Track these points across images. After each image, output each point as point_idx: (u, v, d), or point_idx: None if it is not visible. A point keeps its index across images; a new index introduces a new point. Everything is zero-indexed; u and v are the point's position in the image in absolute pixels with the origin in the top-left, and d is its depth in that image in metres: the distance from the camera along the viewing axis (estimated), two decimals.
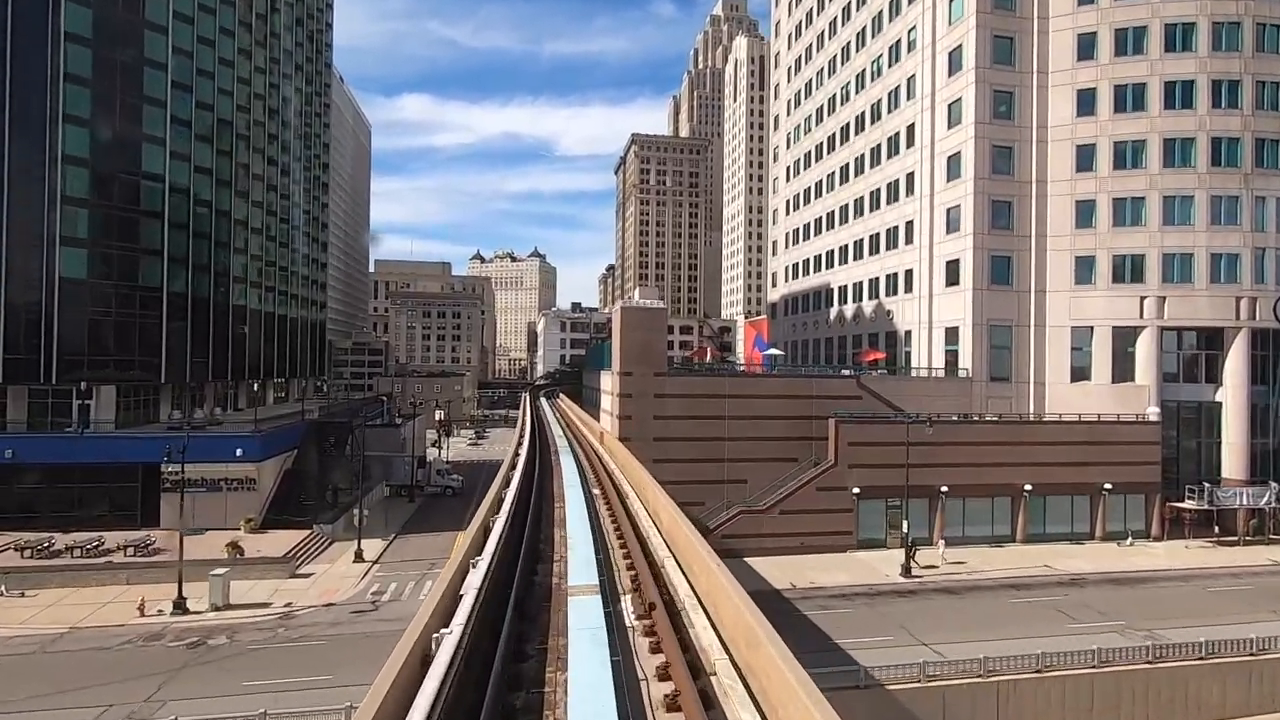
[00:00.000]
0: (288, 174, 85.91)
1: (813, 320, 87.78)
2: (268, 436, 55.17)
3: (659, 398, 51.74)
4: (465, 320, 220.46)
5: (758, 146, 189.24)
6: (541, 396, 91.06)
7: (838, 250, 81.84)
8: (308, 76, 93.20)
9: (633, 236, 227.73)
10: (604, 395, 60.81)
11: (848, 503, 50.66)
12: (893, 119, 71.12)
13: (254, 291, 76.97)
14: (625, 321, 51.50)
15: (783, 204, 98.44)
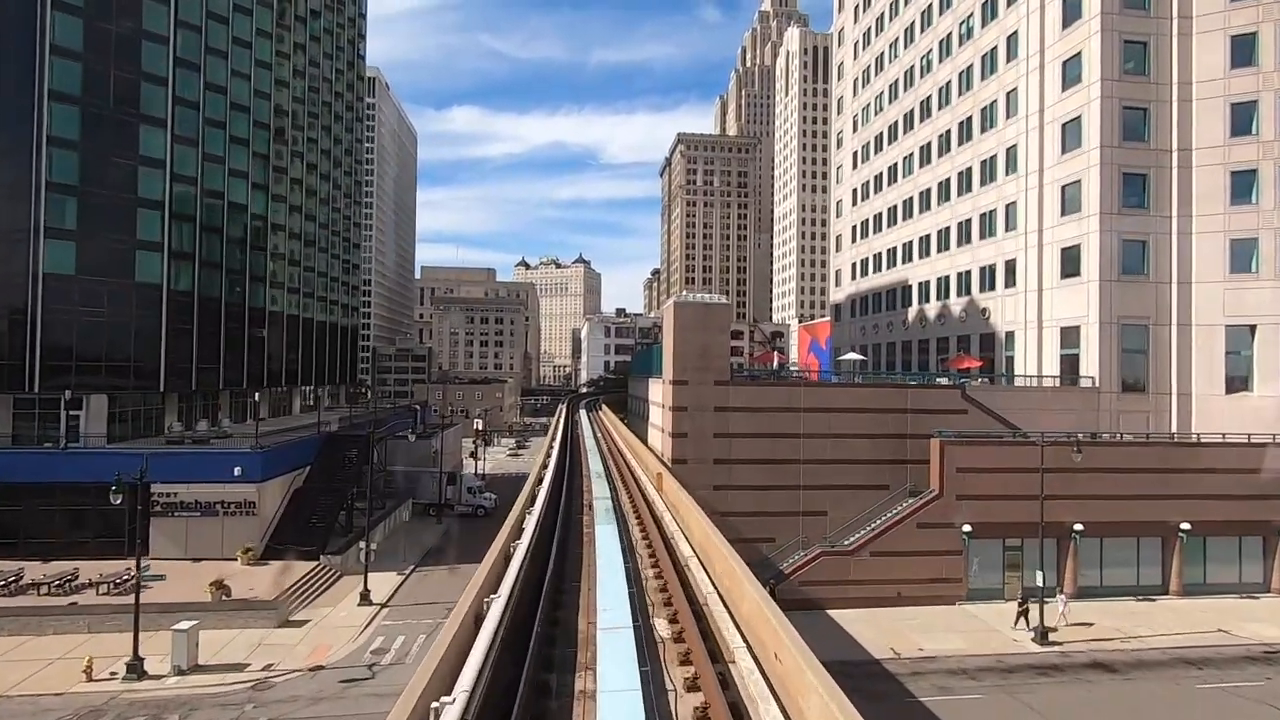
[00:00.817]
0: (316, 169, 79.83)
1: (885, 322, 77.40)
2: (271, 453, 47.99)
3: (720, 412, 42.61)
4: (509, 326, 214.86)
5: (811, 142, 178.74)
6: (582, 407, 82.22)
7: (917, 242, 71.43)
8: (338, 70, 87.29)
9: (679, 239, 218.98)
10: (652, 407, 52.03)
11: (956, 543, 40.60)
12: (988, 86, 60.66)
13: (276, 292, 70.72)
14: (679, 321, 42.60)
15: (848, 194, 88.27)
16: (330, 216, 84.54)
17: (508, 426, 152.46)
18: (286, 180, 71.53)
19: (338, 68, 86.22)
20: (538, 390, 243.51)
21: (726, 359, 42.95)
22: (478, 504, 68.54)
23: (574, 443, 51.39)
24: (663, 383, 46.30)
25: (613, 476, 38.80)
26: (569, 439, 52.96)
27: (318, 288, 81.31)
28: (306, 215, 77.21)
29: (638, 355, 69.44)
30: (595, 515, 27.19)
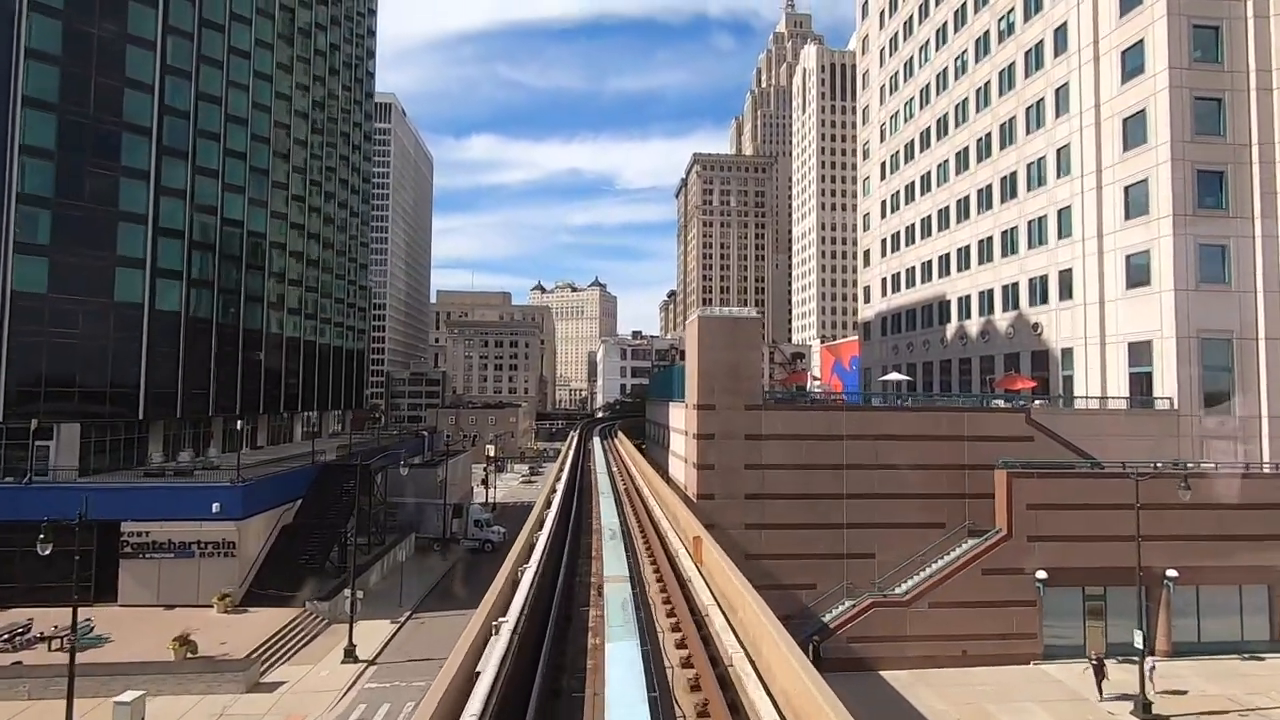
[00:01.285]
0: (320, 186, 76.48)
1: (921, 340, 71.98)
2: (254, 487, 43.43)
3: (752, 440, 37.47)
4: (524, 349, 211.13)
5: (831, 159, 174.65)
6: (595, 435, 75.73)
7: (955, 253, 66.25)
8: (345, 86, 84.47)
9: (695, 260, 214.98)
10: (673, 434, 46.95)
11: (1028, 591, 34.89)
12: (1033, 83, 55.85)
13: (275, 313, 66.88)
14: (704, 337, 37.71)
15: (877, 206, 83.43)
16: (335, 236, 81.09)
17: (520, 452, 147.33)
18: (287, 196, 68.09)
19: (344, 84, 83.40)
20: (553, 414, 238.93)
21: (758, 380, 37.93)
22: (484, 538, 63.50)
23: (583, 489, 38.14)
24: (685, 407, 41.32)
25: (632, 539, 25.58)
26: (577, 481, 40.38)
27: (321, 309, 77.55)
28: (309, 234, 73.69)
29: (656, 377, 64.36)
30: (608, 625, 15.17)
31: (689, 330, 40.81)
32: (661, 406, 55.10)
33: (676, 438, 44.62)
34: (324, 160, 77.48)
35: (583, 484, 38.75)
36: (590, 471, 45.69)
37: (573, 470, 40.84)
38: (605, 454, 56.44)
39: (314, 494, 51.16)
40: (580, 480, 36.69)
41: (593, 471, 42.97)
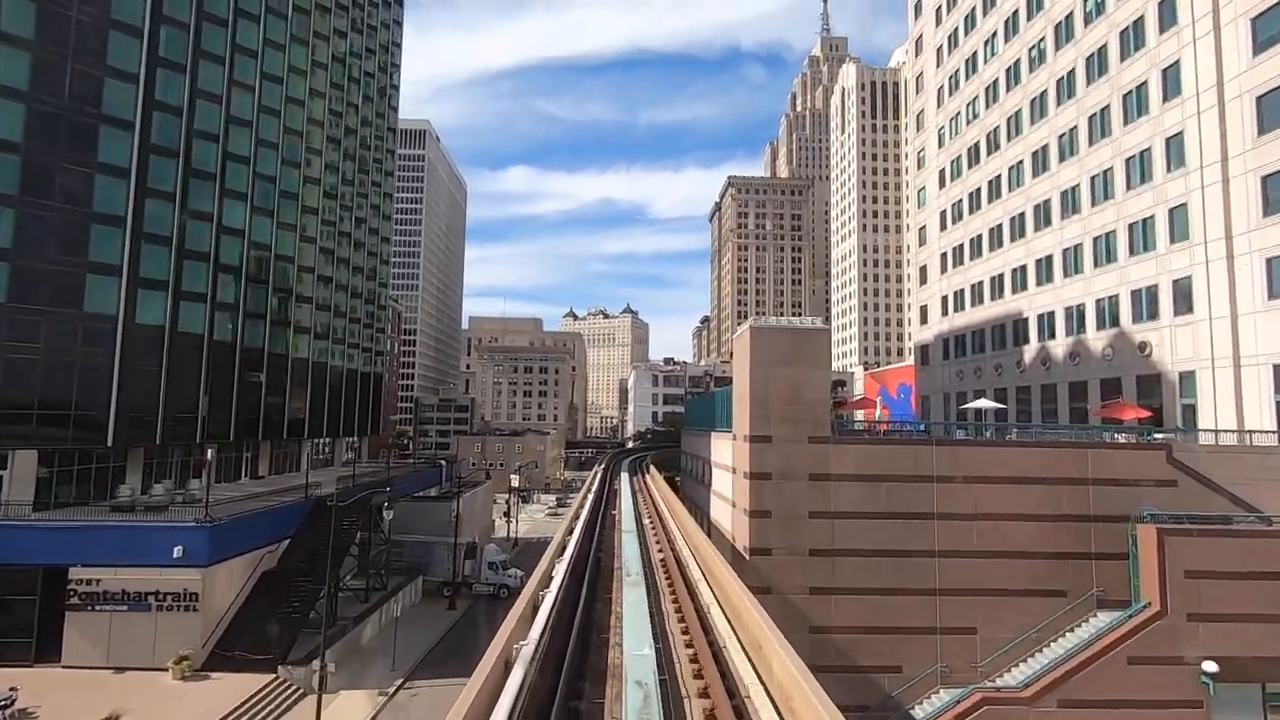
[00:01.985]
0: (336, 198, 71.63)
1: (992, 364, 63.41)
2: (225, 528, 36.95)
3: (819, 481, 29.79)
4: (554, 376, 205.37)
5: (872, 179, 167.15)
6: (623, 470, 63.15)
7: (1033, 265, 58.00)
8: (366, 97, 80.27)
9: (729, 284, 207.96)
10: (716, 471, 39.36)
11: (1190, 688, 26.31)
12: (1132, 65, 48.05)
13: (280, 331, 61.40)
14: (758, 352, 30.39)
15: (935, 217, 75.56)
16: (352, 252, 76.06)
17: (545, 483, 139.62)
18: (297, 207, 63.10)
19: (366, 94, 79.15)
20: (583, 443, 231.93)
21: (827, 406, 30.32)
22: (500, 582, 56.26)
23: (595, 577, 22.47)
24: (733, 439, 33.88)
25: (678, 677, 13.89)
26: (592, 550, 26.40)
27: (334, 329, 72.14)
28: (322, 248, 68.62)
29: (693, 404, 55.96)
30: None
31: (738, 345, 33.53)
32: (700, 437, 47.51)
33: (720, 475, 37.07)
34: (342, 172, 72.79)
35: (598, 559, 25.28)
36: (614, 515, 35.26)
37: (588, 529, 29.42)
38: (634, 497, 43.08)
39: (305, 533, 44.61)
40: (596, 549, 26.11)
41: (615, 529, 30.67)
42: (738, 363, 33.16)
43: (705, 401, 47.02)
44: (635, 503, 37.60)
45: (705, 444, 43.24)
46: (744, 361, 31.31)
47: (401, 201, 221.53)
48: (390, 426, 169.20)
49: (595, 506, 36.38)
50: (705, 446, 43.20)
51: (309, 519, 45.85)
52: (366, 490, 49.73)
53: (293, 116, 62.70)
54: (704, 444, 43.87)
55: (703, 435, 45.38)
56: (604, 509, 35.36)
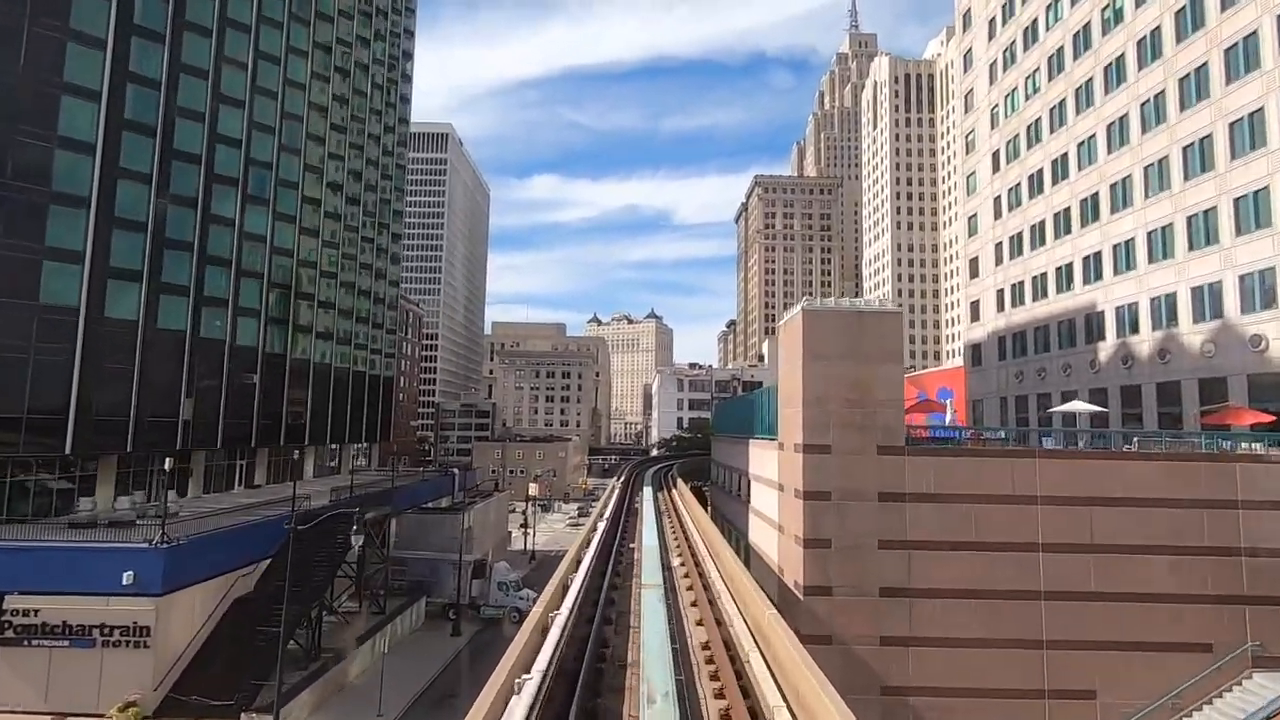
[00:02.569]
0: (341, 190, 67.04)
1: (1059, 364, 56.38)
2: (186, 549, 31.79)
3: (891, 502, 23.63)
4: (576, 380, 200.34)
5: (906, 175, 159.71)
6: (647, 483, 52.89)
7: (1109, 251, 51.05)
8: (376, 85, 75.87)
9: (757, 286, 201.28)
10: (756, 487, 33.23)
11: None
12: (1236, 13, 41.18)
13: (277, 331, 56.74)
14: (812, 343, 24.36)
15: (987, 204, 68.67)
16: (360, 248, 71.42)
17: (564, 493, 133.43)
18: (296, 197, 58.51)
19: (375, 82, 74.68)
20: (607, 449, 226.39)
21: (900, 408, 24.17)
22: (511, 605, 50.63)
23: (597, 653, 15.92)
24: (778, 449, 27.87)
25: None
26: (598, 606, 19.41)
27: (339, 328, 67.43)
28: (325, 242, 63.99)
29: (725, 407, 49.26)
30: None
31: (785, 334, 27.49)
32: (735, 445, 41.28)
33: (762, 492, 31.01)
34: (346, 162, 68.24)
35: (598, 653, 16.04)
36: (627, 576, 23.47)
37: (605, 543, 23.63)
38: (658, 519, 33.64)
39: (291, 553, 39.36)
40: (613, 555, 20.71)
41: (637, 559, 23.92)
42: (786, 355, 27.15)
43: (741, 404, 40.77)
44: (659, 511, 31.45)
45: (742, 453, 37.23)
46: (794, 353, 25.31)
47: (423, 205, 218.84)
48: (410, 432, 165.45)
49: (616, 514, 30.24)
50: (742, 456, 37.19)
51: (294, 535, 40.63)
52: (383, 498, 44.39)
53: (292, 100, 58.19)
54: (740, 453, 37.84)
55: (738, 443, 39.29)
56: (619, 541, 27.65)
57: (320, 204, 62.72)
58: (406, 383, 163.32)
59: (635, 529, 30.14)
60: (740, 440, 37.82)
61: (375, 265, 75.44)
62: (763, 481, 30.40)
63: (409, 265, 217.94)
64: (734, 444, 40.24)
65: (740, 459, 37.22)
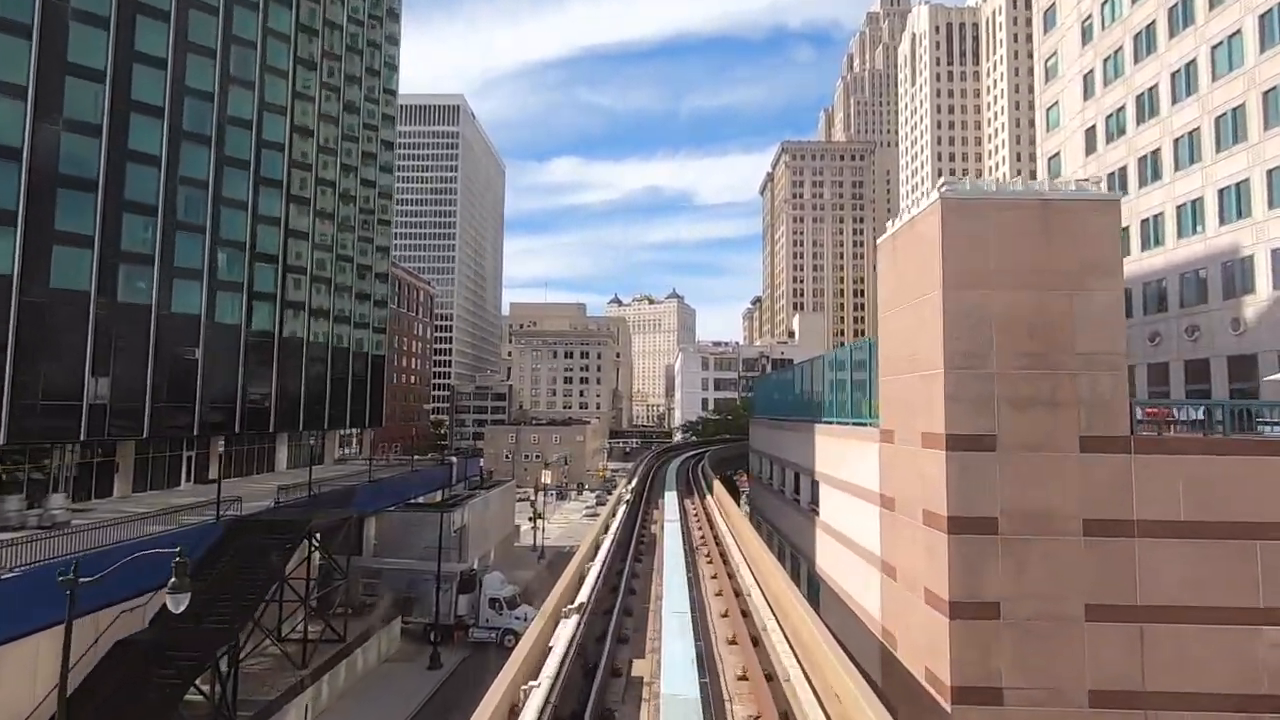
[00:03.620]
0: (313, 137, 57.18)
1: (1180, 327, 44.79)
2: (19, 586, 22.32)
3: (1109, 538, 12.97)
4: (596, 361, 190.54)
5: (949, 134, 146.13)
6: (670, 486, 36.36)
7: (1262, 179, 39.29)
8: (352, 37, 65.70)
9: (784, 260, 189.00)
10: (831, 495, 21.95)
11: None
12: None
13: (229, 298, 47.31)
14: (958, 256, 13.80)
15: (1076, 138, 56.64)
16: (334, 201, 61.57)
17: (579, 482, 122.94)
18: (250, 139, 48.71)
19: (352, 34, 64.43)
20: (628, 432, 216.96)
21: (1122, 368, 13.53)
22: (503, 626, 41.04)
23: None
24: (877, 440, 17.38)
25: None
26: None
27: (313, 296, 57.93)
28: (293, 197, 54.28)
29: (769, 383, 37.04)
30: None
31: (896, 250, 16.73)
32: (788, 433, 29.84)
33: (845, 506, 20.17)
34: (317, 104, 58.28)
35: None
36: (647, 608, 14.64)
37: (603, 577, 14.95)
38: (685, 546, 19.88)
39: (205, 574, 29.89)
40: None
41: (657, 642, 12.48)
42: (895, 286, 16.50)
43: (796, 376, 29.65)
44: (685, 532, 20.57)
45: (799, 444, 26.58)
46: (917, 280, 14.72)
47: (434, 180, 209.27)
48: (423, 416, 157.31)
49: (622, 537, 19.57)
50: (799, 447, 26.59)
51: (216, 551, 31.21)
52: (303, 508, 34.67)
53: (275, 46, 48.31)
54: (796, 443, 27.17)
55: (793, 430, 28.36)
56: (619, 607, 14.21)
57: (284, 150, 52.87)
58: (420, 365, 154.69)
59: (654, 543, 18.95)
60: (796, 426, 27.27)
61: (358, 227, 65.62)
62: (845, 489, 19.93)
63: (420, 243, 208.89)
64: (786, 430, 29.59)
65: (797, 451, 26.73)
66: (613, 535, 20.56)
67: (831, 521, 21.40)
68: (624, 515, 24.36)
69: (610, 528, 22.28)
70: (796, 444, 27.16)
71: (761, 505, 36.84)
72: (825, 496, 22.14)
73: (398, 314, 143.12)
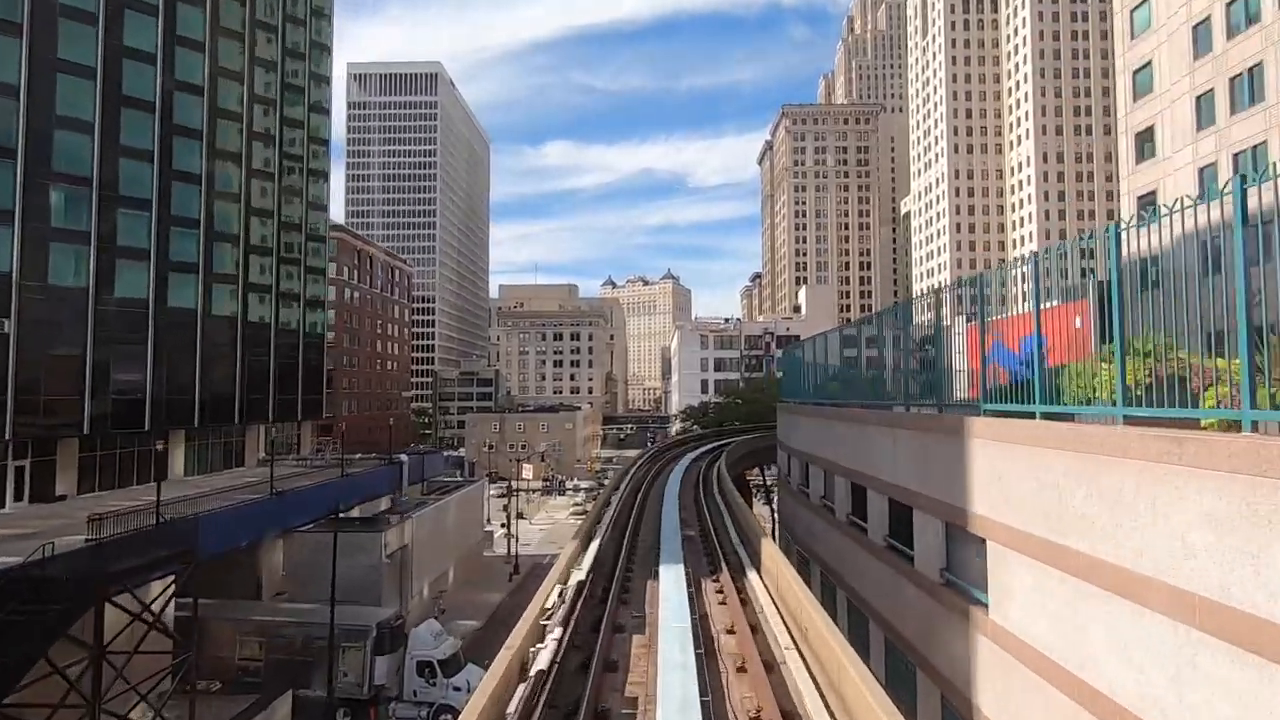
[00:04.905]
0: (203, 52, 44.22)
1: None
2: None
3: None
4: (587, 344, 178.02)
5: (966, 89, 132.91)
6: (665, 528, 20.21)
7: None
8: None
9: (785, 233, 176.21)
10: (1021, 596, 10.19)
11: None
12: None
13: (64, 249, 34.67)
14: None
15: (1182, 35, 43.91)
16: (244, 144, 48.73)
17: (560, 480, 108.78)
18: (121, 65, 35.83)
19: None
20: (623, 418, 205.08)
21: None
22: (439, 701, 28.92)
23: None
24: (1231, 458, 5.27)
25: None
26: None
27: (217, 259, 45.32)
28: (178, 127, 41.45)
29: (814, 345, 24.90)
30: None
31: None
32: (880, 436, 16.83)
33: (1134, 636, 8.16)
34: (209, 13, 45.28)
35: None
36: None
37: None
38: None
39: None
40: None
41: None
42: None
43: (899, 317, 16.36)
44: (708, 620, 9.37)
45: (917, 457, 13.81)
46: None
47: (412, 155, 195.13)
48: (402, 404, 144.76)
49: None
50: (917, 464, 13.90)
51: None
52: (87, 561, 22.06)
53: None
54: (902, 454, 14.46)
55: (891, 429, 15.69)
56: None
57: (168, 64, 39.92)
58: (399, 350, 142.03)
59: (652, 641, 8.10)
60: (905, 423, 14.67)
61: (283, 175, 52.74)
62: (1097, 578, 7.76)
63: (398, 221, 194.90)
64: (869, 429, 16.99)
65: (905, 466, 14.29)
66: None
67: (1042, 642, 9.18)
68: (586, 586, 11.90)
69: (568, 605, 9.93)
70: (904, 454, 14.75)
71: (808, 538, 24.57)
72: (1017, 577, 9.91)
73: (371, 294, 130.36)
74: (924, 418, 13.85)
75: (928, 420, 13.55)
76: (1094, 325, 9.40)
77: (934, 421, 13.20)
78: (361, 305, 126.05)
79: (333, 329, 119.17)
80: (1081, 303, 9.97)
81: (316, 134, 58.33)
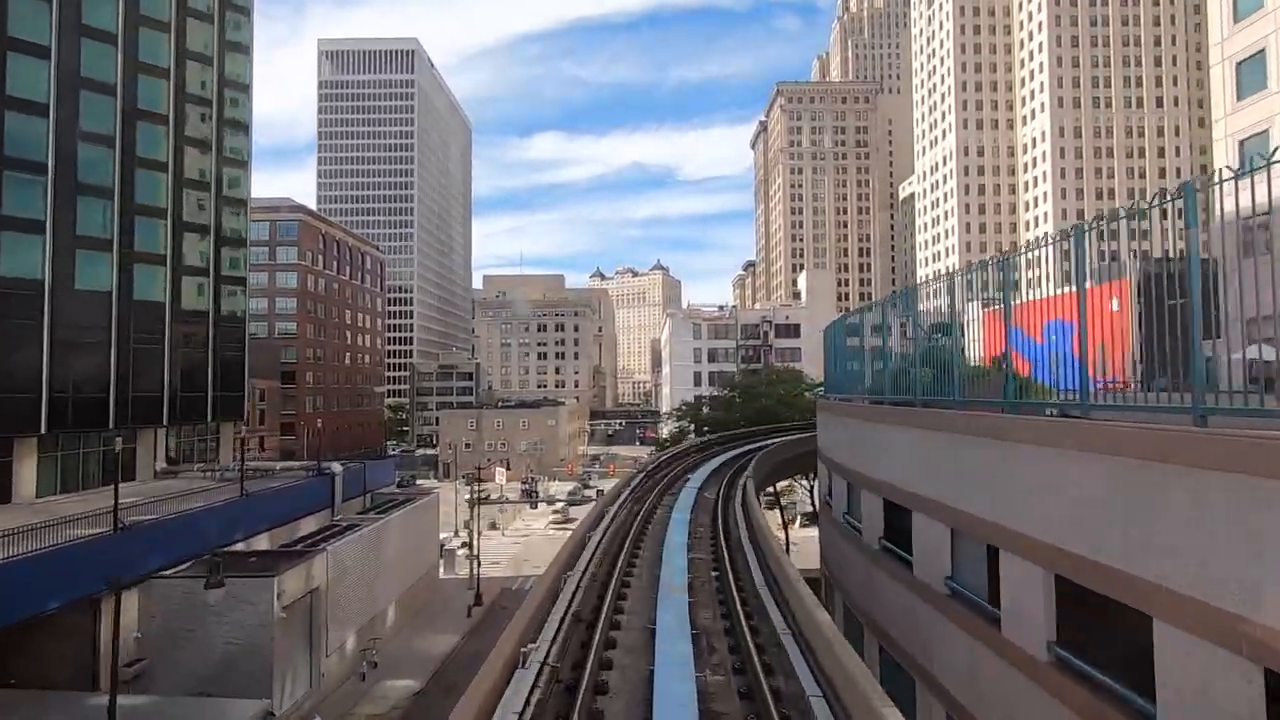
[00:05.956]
0: None
1: None
2: None
3: None
4: (573, 335, 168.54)
5: (975, 60, 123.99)
6: (680, 540, 13.68)
7: None
8: None
9: (781, 217, 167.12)
10: None
11: None
12: None
13: None
14: None
15: None
16: (143, 88, 39.00)
17: (533, 493, 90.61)
18: None
19: None
20: (612, 412, 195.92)
21: None
22: None
23: None
24: None
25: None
26: None
27: (98, 224, 35.63)
28: (11, 40, 31.74)
29: (852, 329, 16.84)
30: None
31: None
32: (1071, 462, 8.87)
33: None
34: None
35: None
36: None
37: None
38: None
39: None
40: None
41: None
42: None
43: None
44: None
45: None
46: None
47: (387, 137, 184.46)
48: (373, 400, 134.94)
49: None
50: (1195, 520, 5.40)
51: None
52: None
53: None
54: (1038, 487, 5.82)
55: (1023, 445, 7.24)
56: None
57: None
58: (371, 342, 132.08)
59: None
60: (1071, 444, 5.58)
61: (192, 128, 42.93)
62: None
63: (372, 207, 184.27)
64: (992, 450, 7.96)
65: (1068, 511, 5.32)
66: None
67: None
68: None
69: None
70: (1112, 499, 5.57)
71: (868, 601, 15.49)
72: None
73: (340, 282, 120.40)
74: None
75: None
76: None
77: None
78: (328, 294, 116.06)
79: (294, 319, 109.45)
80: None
81: (236, 79, 48.49)
